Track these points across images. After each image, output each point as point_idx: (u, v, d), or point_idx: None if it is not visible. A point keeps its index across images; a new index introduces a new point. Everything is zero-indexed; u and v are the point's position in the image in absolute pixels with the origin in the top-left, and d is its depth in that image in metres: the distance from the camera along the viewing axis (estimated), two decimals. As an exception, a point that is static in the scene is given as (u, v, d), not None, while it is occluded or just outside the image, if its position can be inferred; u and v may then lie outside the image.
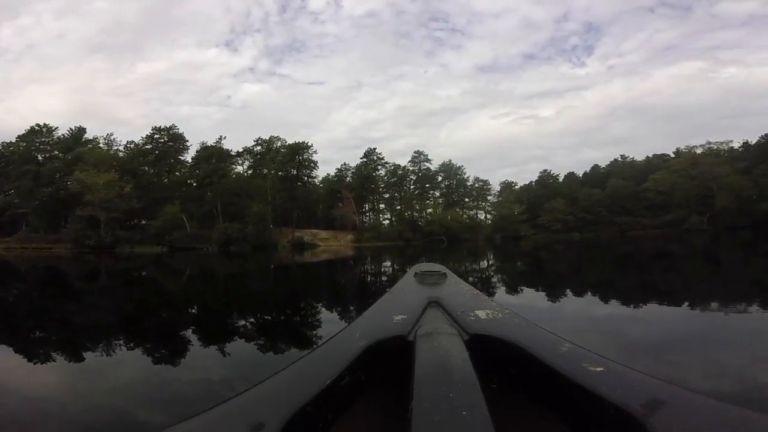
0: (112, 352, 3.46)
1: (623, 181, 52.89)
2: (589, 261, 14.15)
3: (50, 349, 3.67)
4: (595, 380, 0.63)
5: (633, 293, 5.88)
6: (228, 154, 47.88)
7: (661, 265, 11.29)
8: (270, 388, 0.66)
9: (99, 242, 36.73)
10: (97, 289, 9.38)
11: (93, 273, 13.81)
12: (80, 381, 2.75)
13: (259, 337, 4.06)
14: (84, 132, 49.00)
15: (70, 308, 6.40)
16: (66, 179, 39.98)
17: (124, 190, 39.58)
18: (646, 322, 4.07)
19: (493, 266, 13.35)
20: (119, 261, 21.49)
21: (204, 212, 43.50)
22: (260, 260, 20.47)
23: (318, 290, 8.53)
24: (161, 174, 47.08)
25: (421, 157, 57.52)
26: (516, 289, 7.12)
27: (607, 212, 51.67)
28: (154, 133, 47.32)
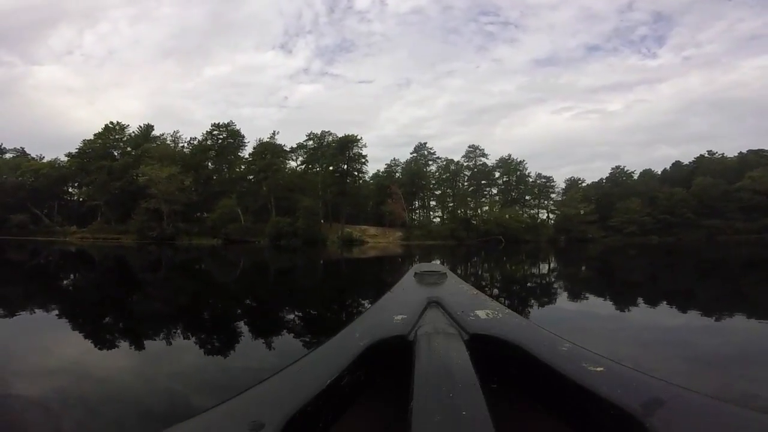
0: (162, 340, 3.82)
1: (712, 180, 47.86)
2: (669, 269, 12.87)
3: (110, 335, 4.06)
4: (595, 380, 0.65)
5: (719, 309, 5.26)
6: (281, 149, 50.10)
7: (756, 275, 10.06)
8: (270, 388, 0.68)
9: (161, 233, 40.06)
10: (156, 280, 10.24)
11: (153, 264, 15.08)
12: (125, 367, 3.01)
13: (289, 329, 4.31)
14: (152, 129, 53.70)
15: (131, 298, 7.03)
16: (134, 173, 44.16)
17: (184, 184, 42.87)
18: (736, 347, 3.58)
19: (555, 272, 12.64)
20: (178, 252, 23.20)
21: (259, 206, 46.00)
22: (308, 255, 21.16)
23: (358, 288, 8.62)
24: (220, 169, 50.31)
25: (477, 151, 55.85)
26: (580, 297, 6.67)
27: (693, 214, 47.05)
28: (213, 130, 50.85)
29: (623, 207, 49.08)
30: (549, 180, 54.79)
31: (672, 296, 6.51)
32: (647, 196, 49.95)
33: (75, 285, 9.31)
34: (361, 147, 50.02)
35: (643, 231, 46.70)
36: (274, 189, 45.41)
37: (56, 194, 50.91)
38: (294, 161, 53.26)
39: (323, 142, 51.30)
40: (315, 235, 40.43)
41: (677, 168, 57.27)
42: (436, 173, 56.63)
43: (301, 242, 37.27)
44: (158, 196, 41.08)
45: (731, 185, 46.53)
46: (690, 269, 12.07)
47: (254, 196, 47.31)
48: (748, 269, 11.66)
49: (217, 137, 50.67)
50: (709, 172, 50.13)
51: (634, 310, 5.18)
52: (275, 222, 41.37)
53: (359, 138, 49.49)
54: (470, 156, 55.81)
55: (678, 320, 4.58)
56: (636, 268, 13.30)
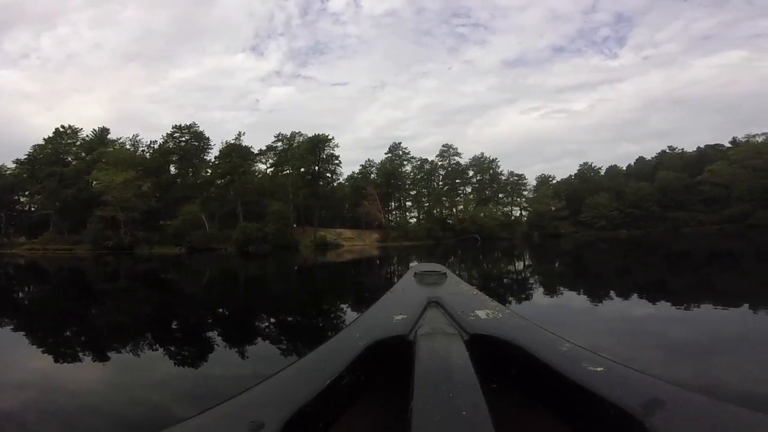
0: (130, 354, 3.66)
1: (674, 173, 50.52)
2: (638, 261, 13.39)
3: (71, 349, 3.90)
4: (595, 380, 0.66)
5: (689, 299, 5.51)
6: (248, 151, 48.84)
7: (721, 265, 10.66)
8: (270, 388, 0.69)
9: (118, 243, 38.13)
10: (115, 291, 9.67)
11: (111, 276, 14.31)
12: (98, 379, 2.94)
13: (267, 338, 4.22)
14: (108, 132, 51.21)
15: (88, 311, 6.59)
16: (86, 179, 41.99)
17: (141, 189, 40.92)
18: (702, 331, 3.75)
19: (530, 267, 12.86)
20: (138, 263, 22.22)
21: (226, 212, 44.51)
22: (279, 262, 20.70)
23: (334, 294, 8.44)
24: (184, 173, 48.51)
25: (451, 150, 56.71)
26: (557, 292, 6.78)
27: (658, 207, 49.43)
28: (175, 132, 48.94)
29: (592, 202, 50.96)
30: (521, 178, 56.40)
31: (644, 288, 6.71)
32: (614, 191, 52.07)
33: (27, 299, 8.65)
34: (333, 147, 49.61)
35: (612, 225, 48.71)
36: (242, 193, 44.10)
37: (4, 204, 47.74)
38: (263, 164, 52.18)
39: (293, 144, 50.39)
40: (286, 240, 39.52)
41: (641, 163, 60.08)
42: (411, 173, 56.91)
43: (271, 248, 36.38)
44: (113, 203, 39.13)
45: (692, 179, 49.14)
46: (662, 262, 12.56)
47: (220, 202, 45.80)
48: (713, 260, 12.27)
49: (179, 140, 48.93)
50: (671, 166, 52.90)
51: (608, 303, 5.44)
52: (243, 227, 40.13)
53: (331, 138, 49.01)
54: (444, 155, 56.61)
55: (653, 311, 4.74)
56: (608, 262, 13.80)
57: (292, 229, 43.03)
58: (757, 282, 7.28)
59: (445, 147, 56.98)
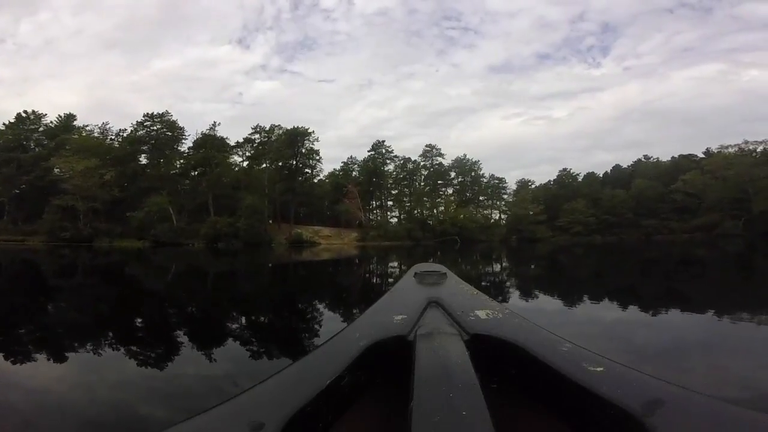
0: (89, 355, 3.41)
1: (649, 182, 52.45)
2: (611, 266, 13.86)
3: (24, 349, 3.59)
4: (595, 380, 0.66)
5: (655, 301, 5.75)
6: (222, 143, 47.78)
7: (689, 272, 11.04)
8: (270, 388, 0.70)
9: (76, 235, 36.68)
10: (69, 287, 9.21)
11: (63, 270, 13.65)
12: (50, 380, 2.79)
13: (251, 339, 4.05)
14: (74, 119, 49.33)
15: (39, 308, 6.21)
16: (45, 167, 40.17)
17: (104, 178, 39.42)
18: (669, 332, 3.97)
19: (507, 270, 13.06)
20: (96, 256, 21.36)
21: (197, 205, 43.35)
22: (250, 259, 20.28)
23: (310, 294, 8.30)
24: (153, 164, 46.82)
25: (434, 151, 57.07)
26: (529, 294, 6.92)
27: (632, 214, 51.30)
28: (146, 120, 47.22)
29: (570, 208, 52.39)
30: (501, 181, 57.47)
31: (617, 293, 6.89)
32: (591, 197, 53.71)
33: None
34: (313, 141, 49.14)
35: (588, 231, 50.16)
36: (213, 186, 43.09)
37: None
38: (239, 157, 51.09)
39: (271, 137, 49.50)
40: (259, 236, 38.82)
41: (617, 171, 62.04)
42: (394, 173, 56.92)
43: (243, 244, 35.65)
44: (73, 192, 37.56)
45: (666, 188, 51.14)
46: (637, 267, 13.02)
47: (192, 195, 44.69)
48: (681, 266, 12.77)
49: (150, 129, 47.27)
50: (646, 175, 54.88)
51: (581, 306, 5.54)
52: (213, 222, 39.20)
53: (311, 131, 48.51)
54: (427, 155, 56.93)
55: (623, 314, 4.88)
56: (585, 267, 14.20)
57: (266, 225, 42.33)
58: (722, 288, 7.67)
59: (428, 147, 57.37)
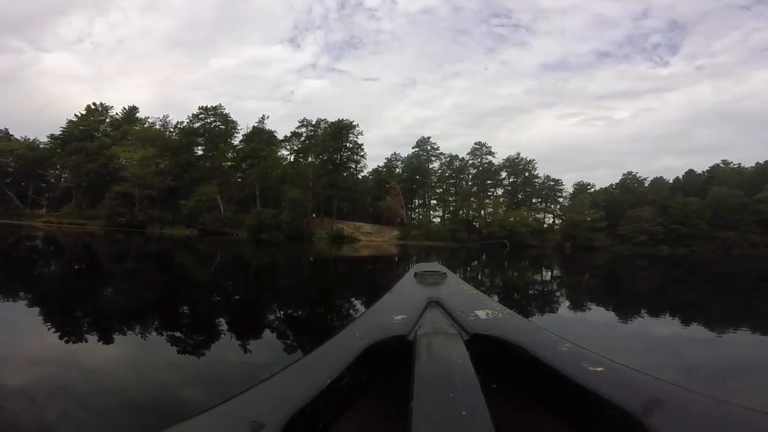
0: (131, 337, 3.69)
1: (729, 190, 47.95)
2: (682, 281, 12.62)
3: (74, 329, 3.91)
4: (595, 380, 0.68)
5: (727, 323, 5.25)
6: (271, 136, 49.36)
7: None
8: (270, 388, 0.71)
9: (131, 220, 39.17)
10: (119, 272, 9.73)
11: (117, 256, 14.54)
12: (101, 359, 3.03)
13: (273, 332, 4.20)
14: (136, 111, 52.96)
15: (92, 291, 6.59)
16: (108, 155, 43.39)
17: (158, 167, 41.95)
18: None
19: (558, 280, 12.32)
20: (148, 242, 22.65)
21: (244, 196, 45.08)
22: (291, 252, 20.71)
23: (350, 290, 8.23)
24: (207, 155, 49.18)
25: (484, 149, 55.27)
26: (586, 310, 6.37)
27: (707, 225, 47.16)
28: (200, 113, 49.70)
29: (633, 215, 48.99)
30: (557, 183, 54.10)
31: (680, 310, 6.44)
32: (659, 204, 49.99)
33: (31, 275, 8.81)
34: (357, 135, 49.35)
35: (653, 241, 46.76)
36: (261, 178, 44.64)
37: (33, 176, 49.95)
38: (287, 151, 52.61)
39: (317, 131, 50.44)
40: (301, 229, 39.71)
41: (691, 177, 57.37)
42: (439, 171, 55.98)
43: (285, 236, 36.59)
44: (130, 179, 40.32)
45: (749, 197, 46.63)
46: (709, 284, 11.84)
47: (240, 186, 46.60)
48: (762, 284, 11.50)
49: (204, 120, 49.82)
50: (726, 182, 50.25)
51: (638, 322, 5.19)
52: (258, 213, 40.48)
53: (355, 124, 48.69)
54: (476, 153, 55.26)
55: (679, 333, 4.58)
56: (646, 279, 13.03)
57: (308, 218, 43.27)
58: None
59: (477, 145, 55.67)
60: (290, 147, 52.32)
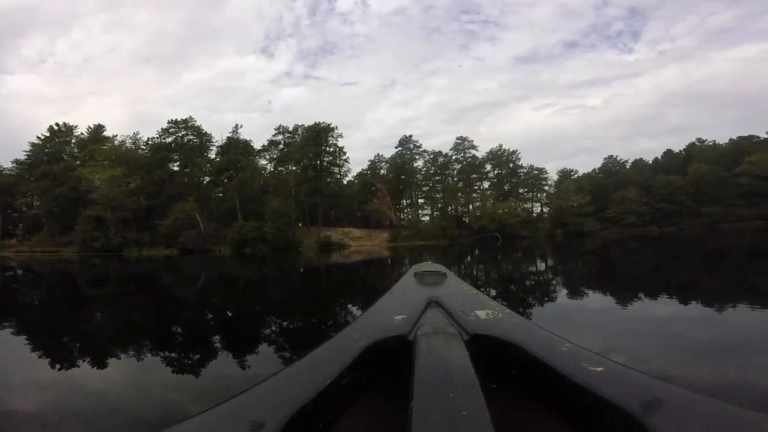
0: (124, 360, 3.69)
1: (708, 166, 49.27)
2: (672, 260, 12.77)
3: (64, 355, 3.92)
4: (595, 380, 0.69)
5: (721, 300, 5.31)
6: (247, 145, 48.65)
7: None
8: (270, 388, 0.73)
9: (106, 244, 38.12)
10: (101, 296, 9.40)
11: (96, 281, 14.07)
12: (91, 384, 3.02)
13: (266, 349, 4.13)
14: (103, 129, 51.58)
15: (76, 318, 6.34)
16: (75, 177, 42.11)
17: (129, 186, 40.69)
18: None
19: (552, 270, 12.38)
20: (127, 265, 22.00)
21: (225, 211, 44.25)
22: (278, 264, 20.35)
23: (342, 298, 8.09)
24: (183, 171, 48.13)
25: (466, 143, 55.60)
26: (583, 294, 6.54)
27: (692, 202, 48.35)
28: (170, 126, 48.79)
29: (619, 197, 49.87)
30: (542, 171, 54.72)
31: (676, 289, 6.55)
32: (642, 185, 51.04)
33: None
34: (337, 137, 49.09)
35: (642, 221, 47.67)
36: (240, 190, 43.89)
37: (1, 204, 48.37)
38: (266, 160, 51.88)
39: (296, 137, 49.91)
40: (287, 240, 39.07)
41: (669, 156, 58.85)
42: (424, 168, 56.10)
43: (270, 249, 36.02)
44: (100, 201, 39.17)
45: (729, 171, 47.87)
46: (699, 261, 12.04)
47: (220, 200, 45.79)
48: (757, 258, 11.73)
49: (175, 135, 48.80)
50: (703, 159, 51.58)
51: (637, 305, 5.28)
52: (239, 227, 39.66)
53: (333, 127, 48.43)
54: (459, 148, 55.57)
55: (678, 312, 4.67)
56: (638, 262, 13.18)
57: (294, 228, 42.76)
58: None
59: (459, 140, 55.97)
60: (269, 156, 51.73)
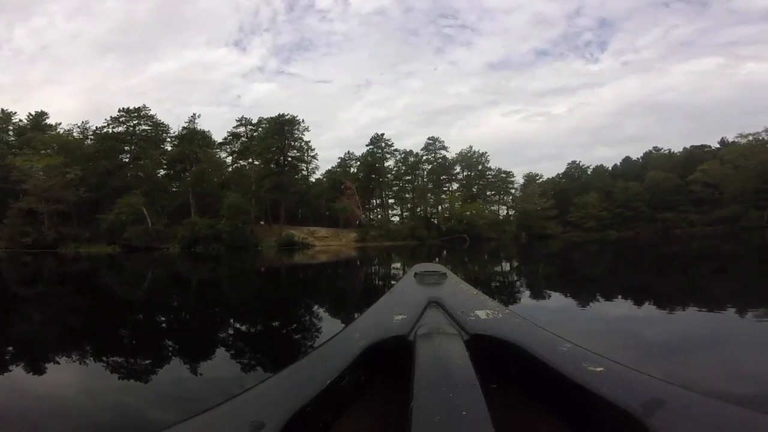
0: (60, 368, 3.38)
1: (664, 173, 52.43)
2: (628, 264, 13.61)
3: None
4: (595, 380, 0.70)
5: (672, 301, 5.74)
6: (204, 136, 46.87)
7: (711, 268, 10.94)
8: (270, 388, 0.74)
9: (39, 240, 35.74)
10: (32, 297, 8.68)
11: (27, 280, 13.08)
12: (24, 396, 2.80)
13: (239, 348, 4.03)
14: (45, 117, 48.42)
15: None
16: (4, 166, 38.95)
17: (67, 177, 38.06)
18: (686, 333, 3.97)
19: (517, 272, 12.67)
20: (63, 263, 20.74)
21: (178, 206, 42.23)
22: (232, 264, 19.70)
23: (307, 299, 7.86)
24: (136, 163, 45.50)
25: (437, 144, 56.35)
26: (541, 297, 6.74)
27: (648, 207, 51.25)
28: (121, 115, 46.11)
29: (581, 202, 52.25)
30: (509, 175, 56.50)
31: (631, 290, 6.96)
32: (602, 191, 53.70)
33: None
34: (303, 131, 48.16)
35: (601, 225, 50.08)
36: (194, 184, 42.01)
37: None
38: (226, 153, 50.23)
39: (259, 131, 48.56)
40: (244, 238, 37.65)
41: (627, 163, 62.35)
42: (394, 168, 56.26)
43: (225, 248, 34.78)
44: (33, 192, 36.53)
45: (682, 179, 51.05)
46: (653, 264, 12.70)
47: (172, 195, 43.75)
48: (704, 262, 12.61)
49: (126, 124, 46.10)
50: (659, 166, 54.97)
51: (595, 305, 5.62)
52: (191, 224, 37.84)
53: (300, 120, 47.46)
54: (430, 149, 56.20)
55: (631, 312, 5.00)
56: (596, 264, 14.02)
57: (254, 226, 41.52)
58: (747, 283, 7.57)
59: (431, 140, 56.63)
60: (230, 149, 50.12)
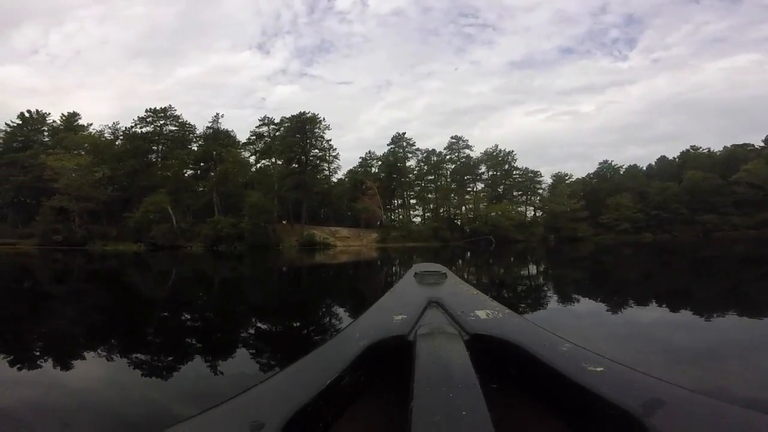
0: (84, 365, 3.38)
1: (703, 174, 50.17)
2: (669, 269, 12.84)
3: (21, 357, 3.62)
4: (595, 380, 0.71)
5: (710, 307, 5.44)
6: (228, 136, 47.62)
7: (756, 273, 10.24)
8: (270, 388, 0.74)
9: (69, 237, 36.87)
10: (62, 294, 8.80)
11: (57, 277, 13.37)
12: (51, 391, 2.82)
13: (241, 351, 4.00)
14: (77, 118, 50.14)
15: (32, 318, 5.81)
16: (31, 163, 40.75)
17: (95, 176, 39.43)
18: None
19: (555, 279, 12.22)
20: (91, 260, 21.20)
21: (202, 205, 43.12)
22: (254, 263, 19.76)
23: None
24: (165, 163, 46.53)
25: (461, 143, 55.59)
26: (580, 301, 6.47)
27: (687, 209, 49.15)
28: (148, 115, 47.12)
29: (614, 203, 50.43)
30: (537, 174, 54.81)
31: (666, 295, 6.80)
32: (636, 191, 51.79)
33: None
34: (324, 129, 48.30)
35: (635, 228, 48.27)
36: (219, 183, 42.67)
37: None
38: (249, 153, 50.66)
39: (281, 130, 48.97)
40: (266, 237, 38.02)
41: (663, 163, 60.02)
42: (416, 168, 55.90)
43: (247, 247, 35.14)
44: (64, 191, 37.86)
45: (724, 179, 48.84)
46: (694, 269, 12.12)
47: (197, 194, 44.59)
48: (748, 267, 11.92)
49: (153, 124, 47.11)
50: (698, 166, 52.54)
51: (626, 311, 5.41)
52: (214, 222, 38.47)
53: (321, 118, 47.66)
54: (453, 148, 55.48)
55: (664, 317, 4.83)
56: (631, 267, 13.38)
57: (275, 225, 41.92)
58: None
59: (454, 139, 55.97)
60: (253, 149, 50.69)
